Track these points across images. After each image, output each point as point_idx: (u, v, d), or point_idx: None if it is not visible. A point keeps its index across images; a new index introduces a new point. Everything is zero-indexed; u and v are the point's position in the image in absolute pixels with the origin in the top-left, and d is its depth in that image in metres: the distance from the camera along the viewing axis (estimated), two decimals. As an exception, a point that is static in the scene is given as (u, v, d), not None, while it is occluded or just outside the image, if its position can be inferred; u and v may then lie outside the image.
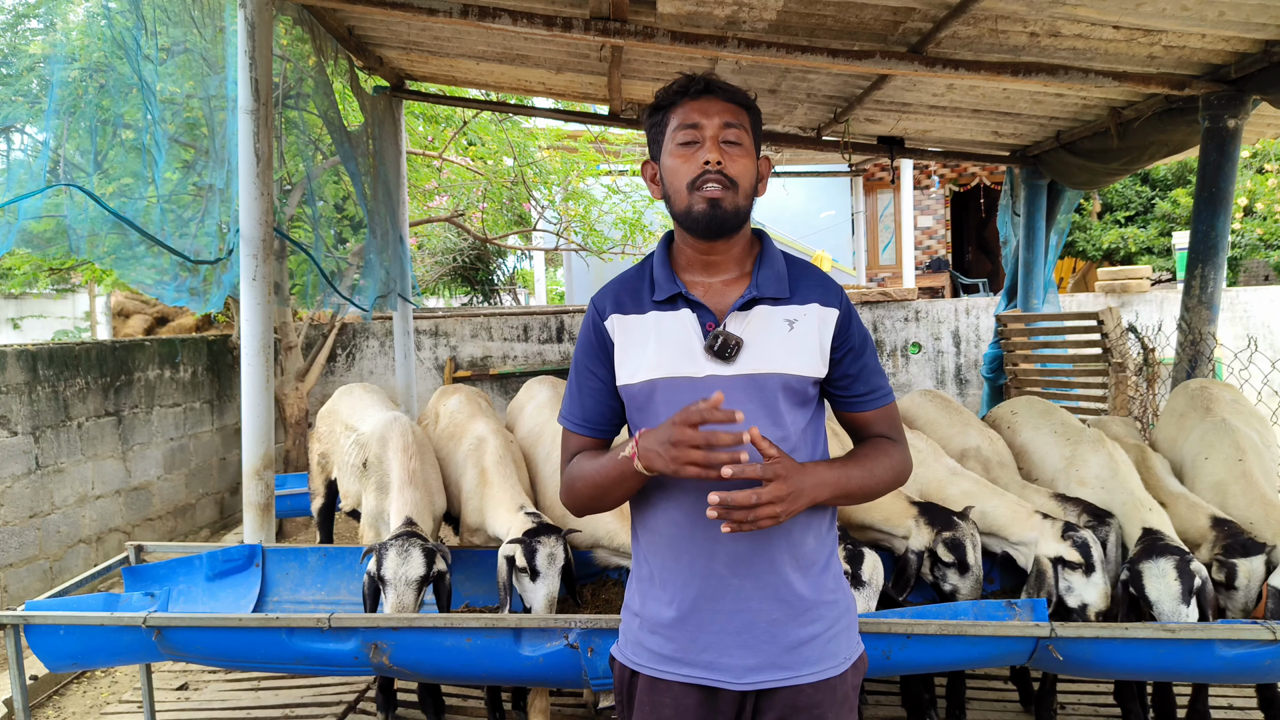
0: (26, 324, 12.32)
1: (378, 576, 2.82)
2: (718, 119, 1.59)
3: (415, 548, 2.83)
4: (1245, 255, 11.91)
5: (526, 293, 14.87)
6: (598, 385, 1.71)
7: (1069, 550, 2.75)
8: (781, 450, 1.50)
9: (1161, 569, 2.61)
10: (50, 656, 2.82)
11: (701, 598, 1.59)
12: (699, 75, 1.64)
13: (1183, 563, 2.61)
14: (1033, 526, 2.89)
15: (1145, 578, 2.63)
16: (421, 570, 2.81)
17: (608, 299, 1.71)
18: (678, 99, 1.63)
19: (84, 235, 3.44)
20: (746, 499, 1.42)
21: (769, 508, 1.43)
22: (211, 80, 4.07)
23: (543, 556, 2.80)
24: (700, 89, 1.61)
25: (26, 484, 4.82)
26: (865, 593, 2.74)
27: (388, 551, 2.83)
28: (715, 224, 1.59)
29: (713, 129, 1.59)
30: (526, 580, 2.82)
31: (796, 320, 1.62)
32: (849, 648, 1.66)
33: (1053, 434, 3.55)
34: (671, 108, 1.64)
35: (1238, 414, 3.47)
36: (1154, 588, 2.61)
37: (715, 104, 1.60)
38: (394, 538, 2.88)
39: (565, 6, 4.00)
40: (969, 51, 4.09)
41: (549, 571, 2.81)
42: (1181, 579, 2.59)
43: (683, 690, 1.61)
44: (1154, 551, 2.66)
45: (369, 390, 4.21)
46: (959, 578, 2.87)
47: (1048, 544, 2.81)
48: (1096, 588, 2.74)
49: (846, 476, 1.59)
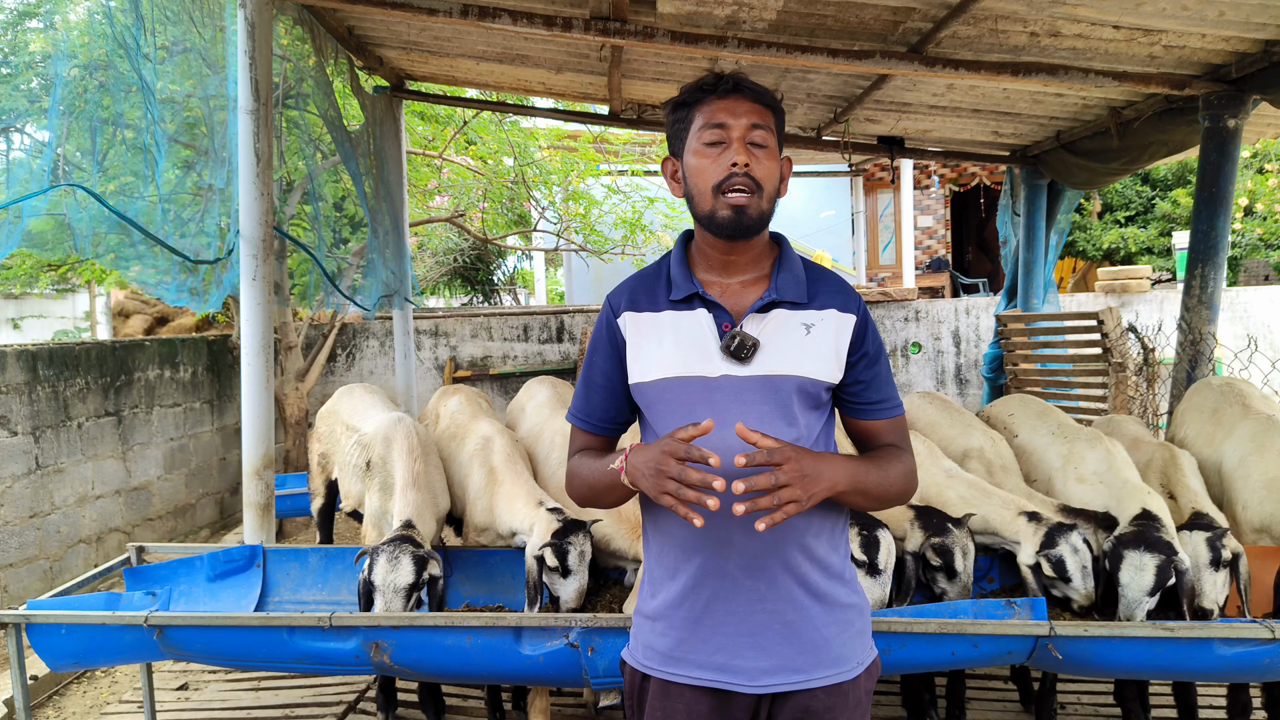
0: (26, 324, 12.32)
1: (366, 581, 2.82)
2: (745, 119, 1.56)
3: (405, 555, 2.81)
4: (1245, 255, 11.92)
5: (526, 293, 14.87)
6: (606, 383, 1.70)
7: (1045, 564, 2.80)
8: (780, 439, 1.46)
9: (1142, 562, 2.64)
10: (52, 655, 2.82)
11: (715, 599, 1.57)
12: (727, 74, 1.60)
13: (1166, 562, 2.62)
14: (1018, 530, 2.91)
15: (1123, 563, 2.67)
16: (410, 578, 2.80)
17: (623, 296, 1.70)
18: (704, 96, 1.59)
19: (87, 235, 3.45)
20: (767, 480, 1.38)
21: (789, 490, 1.39)
22: (211, 80, 4.07)
23: (574, 555, 2.84)
24: (729, 88, 1.58)
25: (26, 484, 4.83)
26: (881, 580, 2.76)
27: (378, 557, 2.82)
28: (740, 229, 1.58)
29: (740, 130, 1.56)
30: (557, 578, 2.86)
31: (814, 325, 1.60)
32: (863, 652, 1.64)
33: (1049, 434, 3.55)
34: (697, 104, 1.60)
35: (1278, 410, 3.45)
36: (1127, 575, 2.65)
37: (743, 104, 1.57)
38: (387, 542, 2.87)
39: (565, 6, 4.00)
40: (969, 51, 4.09)
41: (580, 568, 2.85)
42: (1157, 577, 2.61)
43: (695, 694, 1.58)
44: (1143, 542, 2.67)
45: (369, 390, 4.20)
46: (946, 582, 2.90)
47: (1027, 551, 2.85)
48: (1077, 592, 2.78)
49: (864, 470, 1.56)
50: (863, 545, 2.76)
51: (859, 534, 2.79)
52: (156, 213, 3.65)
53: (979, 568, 3.18)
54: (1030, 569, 2.84)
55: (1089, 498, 3.12)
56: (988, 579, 3.22)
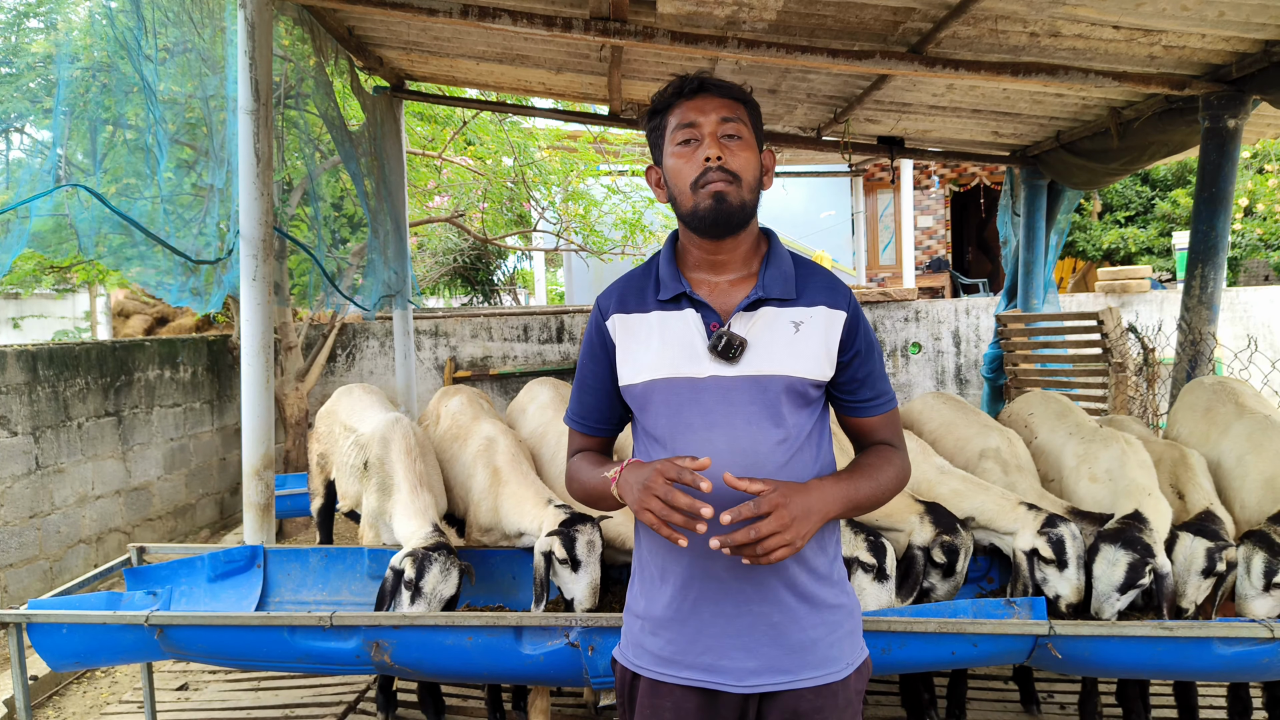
0: (26, 324, 12.32)
1: (413, 584, 2.75)
2: (714, 114, 1.59)
3: (456, 568, 2.80)
4: (1245, 255, 11.92)
5: (526, 293, 14.87)
6: (599, 385, 1.72)
7: (1043, 545, 2.78)
8: (770, 480, 1.47)
9: (1115, 557, 2.66)
10: (53, 655, 2.83)
11: (702, 600, 1.58)
12: (691, 75, 1.63)
13: (1139, 562, 2.62)
14: (1017, 518, 2.90)
15: (1098, 555, 2.70)
16: (454, 591, 2.79)
17: (612, 298, 1.71)
18: (674, 101, 1.63)
19: (91, 235, 3.45)
20: (745, 536, 1.41)
21: (776, 539, 1.42)
22: (211, 80, 4.07)
23: (582, 544, 2.76)
24: (694, 88, 1.61)
25: (26, 484, 4.83)
26: (889, 585, 2.77)
27: (432, 565, 2.76)
28: (722, 219, 1.58)
29: (710, 125, 1.58)
30: (567, 572, 2.78)
31: (803, 322, 1.61)
32: (852, 653, 1.65)
33: (1067, 433, 3.53)
34: (668, 110, 1.63)
35: (1271, 408, 3.45)
36: (1100, 568, 2.68)
37: (711, 101, 1.60)
38: (435, 549, 2.80)
39: (565, 6, 4.00)
40: (969, 51, 4.09)
41: (590, 559, 2.76)
42: (1128, 574, 2.62)
43: (683, 694, 1.60)
44: (1120, 539, 2.68)
45: (368, 391, 4.20)
46: (941, 579, 2.89)
47: (1025, 536, 2.84)
48: (1069, 582, 2.76)
49: (855, 489, 1.58)
50: (871, 549, 2.76)
51: (866, 539, 2.78)
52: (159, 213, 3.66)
53: (979, 568, 3.19)
54: (1026, 554, 2.82)
55: (1100, 496, 3.10)
56: (987, 579, 3.22)
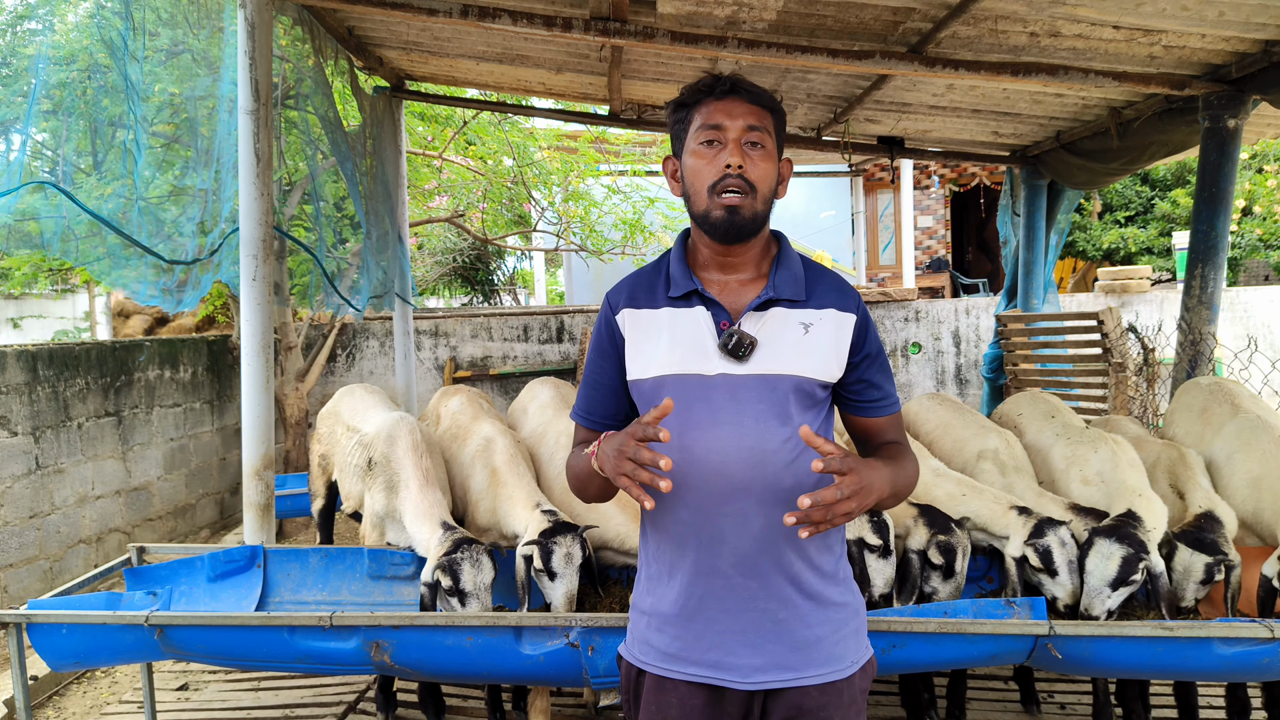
0: (26, 324, 12.33)
1: (455, 591, 2.74)
2: (741, 121, 1.57)
3: (483, 554, 2.79)
4: (1245, 255, 11.92)
5: (526, 293, 14.87)
6: (606, 380, 1.72)
7: (1031, 554, 2.80)
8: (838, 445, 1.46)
9: (1109, 551, 2.66)
10: (53, 655, 2.82)
11: (708, 596, 1.58)
12: (725, 75, 1.62)
13: (1133, 557, 2.62)
14: (1008, 524, 2.91)
15: (1091, 549, 2.69)
16: (493, 573, 2.79)
17: (622, 294, 1.71)
18: (702, 97, 1.61)
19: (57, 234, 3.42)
20: (832, 495, 1.39)
21: (846, 503, 1.41)
22: (202, 80, 4.05)
23: (559, 556, 2.78)
24: (726, 89, 1.59)
25: (26, 484, 4.83)
26: (891, 560, 2.82)
27: (461, 565, 2.75)
28: (733, 230, 1.59)
29: (736, 131, 1.57)
30: (545, 580, 2.81)
31: (812, 324, 1.61)
32: (857, 651, 1.65)
33: (1054, 435, 3.54)
34: (696, 105, 1.62)
35: (1266, 410, 3.45)
36: (1093, 562, 2.68)
37: (740, 105, 1.58)
38: (456, 547, 2.80)
39: (565, 6, 4.00)
40: (969, 51, 4.09)
41: (566, 571, 2.78)
42: (1120, 569, 2.62)
43: (689, 690, 1.60)
44: (1115, 534, 2.68)
45: (370, 391, 4.20)
46: (941, 581, 2.89)
47: (1015, 544, 2.86)
48: (1062, 587, 2.78)
49: (895, 475, 1.58)
50: (875, 529, 2.79)
51: (869, 520, 2.82)
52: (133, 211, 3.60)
53: (979, 568, 3.19)
54: (1016, 561, 2.85)
55: (1093, 498, 3.11)
56: (987, 579, 3.22)
